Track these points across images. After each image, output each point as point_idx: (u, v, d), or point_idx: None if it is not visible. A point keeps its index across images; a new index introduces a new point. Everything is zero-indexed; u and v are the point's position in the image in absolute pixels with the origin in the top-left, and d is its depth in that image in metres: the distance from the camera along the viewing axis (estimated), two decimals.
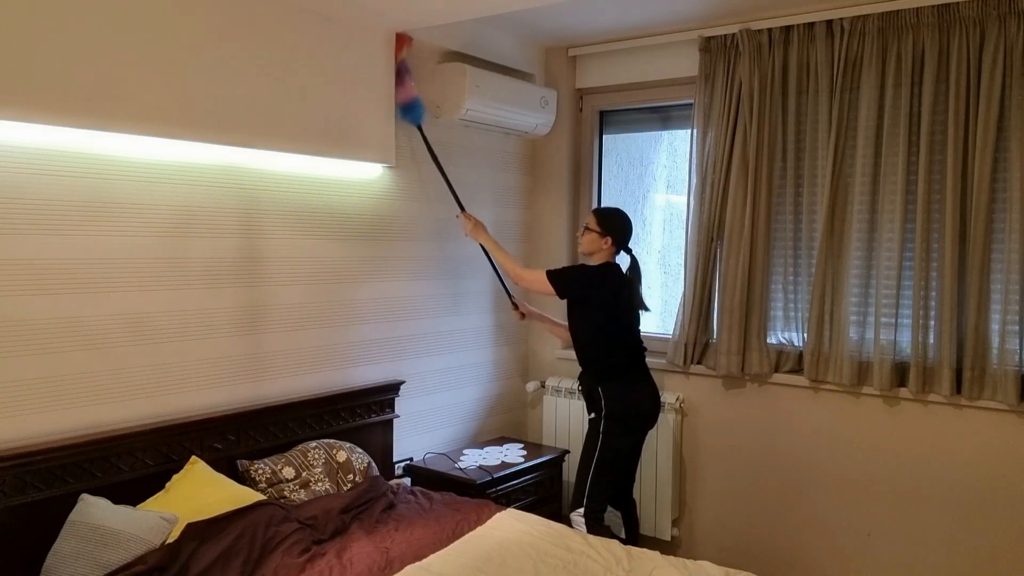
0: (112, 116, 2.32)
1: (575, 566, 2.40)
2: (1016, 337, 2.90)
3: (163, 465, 2.52)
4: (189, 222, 2.64)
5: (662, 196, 4.17)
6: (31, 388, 2.26)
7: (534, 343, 4.22)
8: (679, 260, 3.80)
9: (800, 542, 3.44)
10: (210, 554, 2.21)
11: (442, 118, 3.50)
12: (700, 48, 3.52)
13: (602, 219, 3.16)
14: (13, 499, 2.17)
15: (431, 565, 2.35)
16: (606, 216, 3.17)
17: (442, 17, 3.04)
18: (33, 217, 2.25)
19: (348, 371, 3.22)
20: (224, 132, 2.63)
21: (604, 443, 3.10)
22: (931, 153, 3.04)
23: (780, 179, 3.40)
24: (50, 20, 2.18)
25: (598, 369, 3.15)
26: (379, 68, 3.17)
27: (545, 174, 4.14)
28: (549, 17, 3.51)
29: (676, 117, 3.95)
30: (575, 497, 3.15)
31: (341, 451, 2.93)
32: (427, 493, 2.97)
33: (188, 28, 2.50)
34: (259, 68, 2.71)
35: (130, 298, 2.48)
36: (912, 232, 3.10)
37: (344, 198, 3.16)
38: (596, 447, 3.11)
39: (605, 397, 3.10)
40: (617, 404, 3.09)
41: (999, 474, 3.00)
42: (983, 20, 2.90)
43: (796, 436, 3.42)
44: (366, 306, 3.29)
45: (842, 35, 3.18)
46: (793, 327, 3.43)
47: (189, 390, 2.66)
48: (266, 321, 2.90)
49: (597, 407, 3.14)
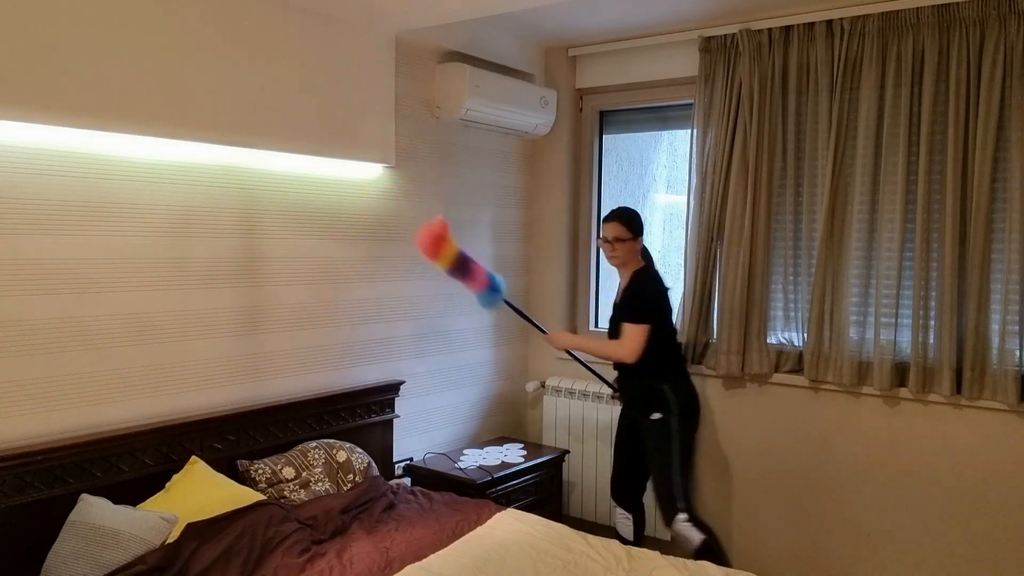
0: (112, 116, 2.33)
1: (575, 566, 2.40)
2: (1016, 337, 2.90)
3: (163, 465, 2.52)
4: (189, 222, 2.64)
5: (662, 196, 4.17)
6: (31, 388, 2.26)
7: (534, 343, 4.22)
8: (679, 260, 3.80)
9: (800, 542, 3.44)
10: (210, 554, 2.21)
11: (442, 118, 3.50)
12: (700, 48, 3.52)
13: (628, 222, 3.10)
14: (13, 499, 2.17)
15: (431, 565, 2.35)
16: (628, 217, 3.12)
17: (442, 17, 3.04)
18: (33, 217, 2.25)
19: (348, 371, 3.22)
20: (224, 132, 2.63)
21: (682, 440, 3.06)
22: (931, 153, 3.04)
23: (780, 179, 3.40)
24: (50, 20, 2.18)
25: (660, 369, 3.09)
26: (379, 68, 3.17)
27: (545, 174, 4.14)
28: (549, 17, 3.51)
29: (676, 117, 3.95)
30: (668, 505, 3.05)
31: (341, 451, 2.93)
32: (427, 493, 2.97)
33: (188, 28, 2.50)
34: (259, 68, 2.72)
35: (130, 298, 2.48)
36: (912, 232, 3.10)
37: (344, 198, 3.16)
38: (674, 446, 3.05)
39: (675, 394, 3.07)
40: (685, 398, 3.10)
41: (999, 474, 3.00)
42: (983, 20, 2.90)
43: (796, 436, 3.42)
44: (366, 306, 3.29)
45: (842, 35, 3.18)
46: (793, 327, 3.43)
47: (189, 390, 2.66)
48: (266, 321, 2.90)
49: (663, 406, 3.06)
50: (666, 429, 3.06)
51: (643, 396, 3.13)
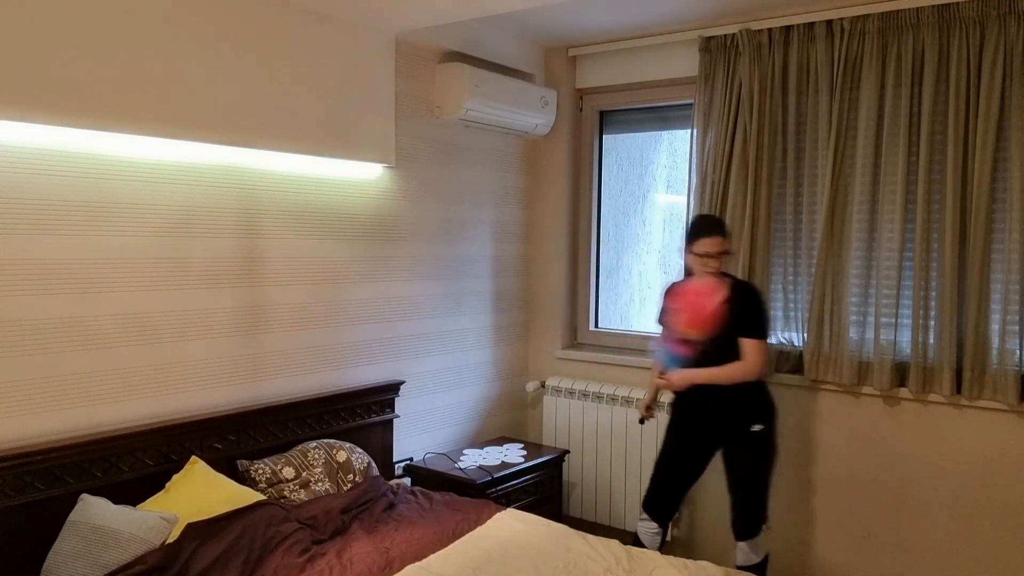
0: (112, 116, 2.33)
1: (575, 566, 2.40)
2: (1016, 337, 2.90)
3: (163, 465, 2.52)
4: (189, 222, 2.64)
5: (662, 196, 4.17)
6: (31, 388, 2.26)
7: (534, 343, 4.22)
8: (679, 260, 3.79)
9: (800, 542, 3.44)
10: (210, 554, 2.21)
11: (442, 118, 3.50)
12: (700, 48, 3.52)
13: (728, 232, 2.97)
14: (13, 499, 2.17)
15: (431, 565, 2.35)
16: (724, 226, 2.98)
17: (442, 17, 3.04)
18: (33, 217, 2.25)
19: (348, 371, 3.22)
20: (224, 132, 2.63)
21: (775, 451, 2.97)
22: (931, 153, 3.04)
23: (780, 179, 3.40)
24: (50, 20, 2.18)
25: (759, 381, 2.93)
26: (379, 68, 3.17)
27: (545, 174, 4.14)
28: (549, 17, 3.51)
29: (676, 117, 3.95)
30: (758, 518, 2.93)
31: (341, 451, 2.93)
32: (427, 493, 2.96)
33: (188, 28, 2.50)
34: (259, 68, 2.72)
35: (130, 298, 2.48)
36: (912, 232, 3.10)
37: (344, 198, 3.16)
38: (774, 458, 2.95)
39: (772, 404, 2.94)
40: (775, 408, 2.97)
41: (999, 474, 3.00)
42: (983, 20, 2.90)
43: (796, 436, 3.42)
44: (366, 306, 3.29)
45: (842, 35, 3.17)
46: (793, 327, 3.43)
47: (189, 390, 2.66)
48: (266, 321, 2.90)
49: (766, 417, 2.91)
50: (768, 440, 2.92)
51: (744, 408, 2.92)
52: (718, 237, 2.88)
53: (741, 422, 2.91)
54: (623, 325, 4.22)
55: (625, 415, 3.73)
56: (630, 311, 4.25)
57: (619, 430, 3.76)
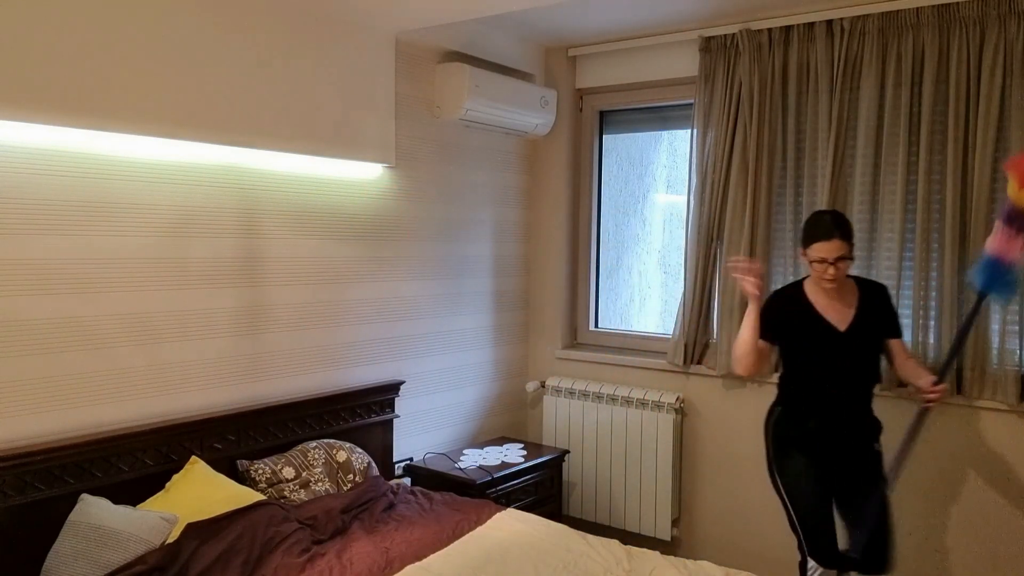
0: (112, 116, 2.33)
1: (575, 566, 2.40)
2: (1016, 337, 2.91)
3: (163, 465, 2.52)
4: (189, 222, 2.64)
5: (662, 196, 4.17)
6: (31, 388, 2.26)
7: (534, 343, 4.22)
8: (679, 260, 3.80)
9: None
10: (210, 554, 2.21)
11: (442, 118, 3.50)
12: (700, 48, 3.52)
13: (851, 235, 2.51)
14: (13, 499, 2.17)
15: (431, 565, 2.35)
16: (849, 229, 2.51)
17: (442, 17, 3.04)
18: (33, 217, 2.25)
19: (348, 371, 3.22)
20: (224, 132, 2.63)
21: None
22: (931, 153, 3.04)
23: (780, 179, 3.40)
24: (50, 20, 2.18)
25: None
26: (379, 68, 3.17)
27: (545, 174, 4.14)
28: (549, 17, 3.51)
29: (676, 117, 3.95)
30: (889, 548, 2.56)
31: (341, 451, 2.93)
32: (427, 493, 2.97)
33: (188, 28, 2.50)
34: (259, 68, 2.72)
35: (130, 298, 2.48)
36: (912, 232, 3.10)
37: (344, 198, 3.16)
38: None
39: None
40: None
41: (999, 474, 3.00)
42: (983, 20, 2.90)
43: None
44: (366, 306, 3.29)
45: (842, 35, 3.17)
46: None
47: (189, 390, 2.66)
48: (266, 321, 2.90)
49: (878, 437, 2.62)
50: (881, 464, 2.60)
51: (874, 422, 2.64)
52: (835, 242, 2.43)
53: (872, 439, 2.60)
54: (623, 325, 4.22)
55: (625, 415, 3.74)
56: (630, 311, 4.25)
57: (619, 430, 3.76)
